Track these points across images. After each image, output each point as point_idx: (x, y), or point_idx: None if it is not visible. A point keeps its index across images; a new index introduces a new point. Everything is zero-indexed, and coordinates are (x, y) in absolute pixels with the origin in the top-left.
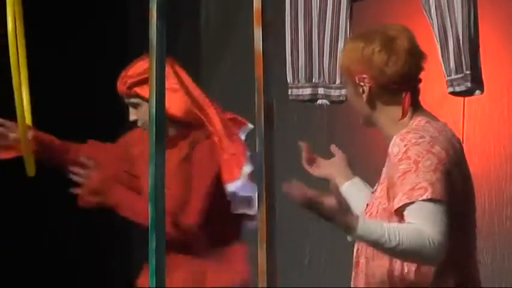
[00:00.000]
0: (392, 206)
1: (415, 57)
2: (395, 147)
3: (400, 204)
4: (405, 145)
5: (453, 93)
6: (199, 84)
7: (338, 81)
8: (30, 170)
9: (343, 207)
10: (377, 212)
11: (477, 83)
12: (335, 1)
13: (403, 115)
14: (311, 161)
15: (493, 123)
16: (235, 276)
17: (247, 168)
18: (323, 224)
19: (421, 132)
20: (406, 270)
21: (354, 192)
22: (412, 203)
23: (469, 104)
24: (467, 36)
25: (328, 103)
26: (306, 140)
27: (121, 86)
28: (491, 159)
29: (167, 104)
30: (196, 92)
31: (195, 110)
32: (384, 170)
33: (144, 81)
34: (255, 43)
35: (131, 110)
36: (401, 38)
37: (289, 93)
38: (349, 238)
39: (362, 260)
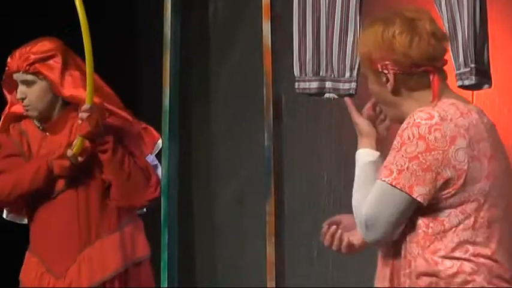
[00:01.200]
0: None
1: (438, 38)
2: (404, 122)
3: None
4: (408, 122)
5: (462, 86)
6: (209, 77)
7: (348, 74)
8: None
9: (365, 130)
10: None
11: (484, 76)
12: None
13: (434, 98)
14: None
15: (502, 117)
16: None
17: (159, 144)
18: (332, 215)
19: (435, 112)
20: None
21: None
22: (379, 180)
23: (478, 97)
24: (473, 30)
25: (336, 97)
26: (314, 135)
27: (20, 62)
28: (499, 149)
29: (65, 87)
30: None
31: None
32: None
33: (46, 59)
34: (263, 37)
35: (21, 87)
36: (421, 19)
37: (296, 86)
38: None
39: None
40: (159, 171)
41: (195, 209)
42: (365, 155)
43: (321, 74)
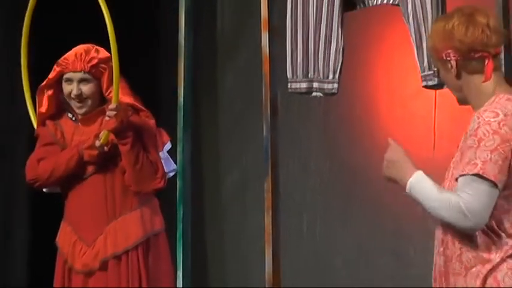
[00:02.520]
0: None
1: (492, 29)
2: (473, 123)
3: (457, 175)
4: (478, 122)
5: (426, 86)
6: (217, 80)
7: (331, 76)
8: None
9: (400, 163)
10: (452, 175)
11: None
12: (328, 11)
13: (486, 78)
14: None
15: (461, 112)
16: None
17: (169, 144)
18: (318, 197)
19: (498, 109)
20: None
21: None
22: (463, 175)
23: (440, 95)
24: None
25: (321, 95)
26: (304, 128)
27: (83, 64)
28: (459, 142)
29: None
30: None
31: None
32: (463, 138)
33: (102, 64)
34: (262, 46)
35: (77, 85)
36: (477, 13)
37: (289, 86)
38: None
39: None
40: (171, 162)
41: (206, 189)
42: (416, 178)
43: (309, 76)
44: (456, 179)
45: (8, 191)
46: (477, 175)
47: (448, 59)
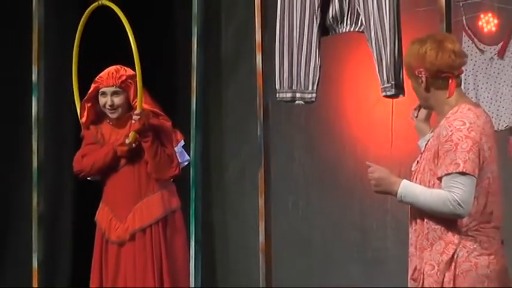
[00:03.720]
0: (437, 173)
1: (456, 53)
2: (444, 130)
3: (441, 174)
4: (451, 130)
5: (385, 96)
6: (221, 89)
7: (310, 88)
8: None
9: (385, 179)
10: (423, 170)
11: (400, 89)
12: (308, 37)
13: (449, 95)
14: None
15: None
16: None
17: (182, 142)
18: (301, 183)
19: (464, 119)
20: None
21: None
22: (449, 174)
23: (397, 103)
24: (393, 59)
25: (303, 103)
26: (289, 128)
27: (114, 80)
28: (413, 142)
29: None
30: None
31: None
32: (431, 140)
33: (129, 79)
34: (256, 64)
35: (110, 97)
36: (446, 40)
37: (277, 96)
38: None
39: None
40: (185, 154)
41: (212, 176)
42: (404, 187)
43: (293, 87)
44: (440, 178)
45: (59, 181)
46: (461, 173)
47: (420, 75)
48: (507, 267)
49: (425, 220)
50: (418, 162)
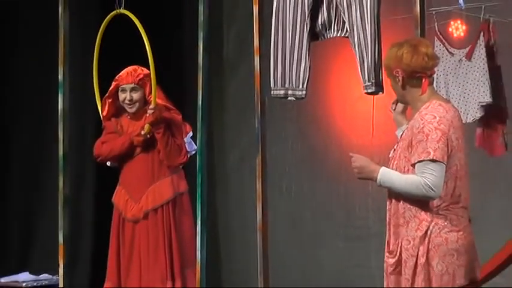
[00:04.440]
0: (410, 160)
1: (429, 57)
2: (417, 123)
3: (414, 161)
4: (423, 123)
5: (367, 93)
6: (224, 88)
7: (301, 86)
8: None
9: (366, 167)
10: (399, 157)
11: (380, 87)
12: (300, 41)
13: (422, 93)
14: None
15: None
16: None
17: (191, 133)
18: (293, 169)
19: (435, 113)
20: None
21: None
22: (421, 161)
23: (377, 99)
24: (374, 61)
25: (294, 99)
26: (283, 121)
27: (132, 78)
28: (391, 133)
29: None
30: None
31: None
32: (406, 131)
33: (146, 77)
34: (255, 65)
35: (129, 93)
36: (420, 44)
37: (272, 93)
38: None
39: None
40: (193, 144)
41: (216, 163)
42: (382, 174)
43: (285, 85)
44: (413, 164)
45: (81, 167)
46: (432, 160)
47: (397, 75)
48: (474, 242)
49: (401, 201)
50: (394, 150)
